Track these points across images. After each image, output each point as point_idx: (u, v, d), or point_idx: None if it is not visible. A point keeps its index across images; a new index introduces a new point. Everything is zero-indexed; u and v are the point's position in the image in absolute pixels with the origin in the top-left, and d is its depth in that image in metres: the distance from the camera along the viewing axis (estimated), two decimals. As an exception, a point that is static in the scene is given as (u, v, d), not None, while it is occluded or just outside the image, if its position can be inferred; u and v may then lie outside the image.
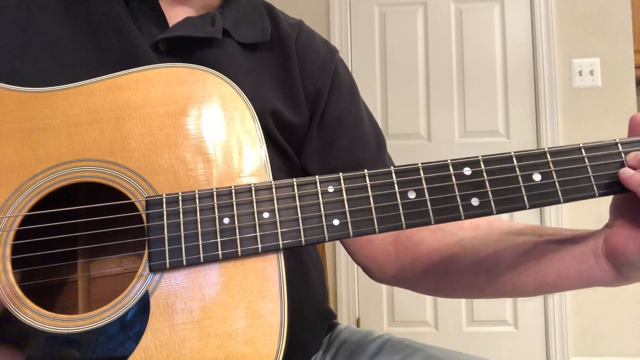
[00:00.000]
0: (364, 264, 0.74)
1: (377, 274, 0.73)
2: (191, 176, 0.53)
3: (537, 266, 0.57)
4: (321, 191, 0.51)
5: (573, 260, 0.54)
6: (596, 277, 0.53)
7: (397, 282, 0.72)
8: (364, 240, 0.73)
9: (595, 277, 0.53)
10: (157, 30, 0.68)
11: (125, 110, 0.54)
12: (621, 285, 0.53)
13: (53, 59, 0.63)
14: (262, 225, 0.50)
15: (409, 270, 0.69)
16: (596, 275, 0.53)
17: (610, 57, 2.32)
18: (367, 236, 0.69)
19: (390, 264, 0.71)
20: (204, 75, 0.56)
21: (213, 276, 0.50)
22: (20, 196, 0.51)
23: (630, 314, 2.26)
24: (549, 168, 0.50)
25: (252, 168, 0.54)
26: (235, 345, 0.48)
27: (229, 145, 0.54)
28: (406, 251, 0.69)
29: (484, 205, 0.50)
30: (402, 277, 0.70)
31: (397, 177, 0.51)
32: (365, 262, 0.73)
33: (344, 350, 0.76)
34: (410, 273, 0.69)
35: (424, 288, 0.70)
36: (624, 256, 0.49)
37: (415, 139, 2.41)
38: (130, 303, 0.49)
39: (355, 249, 0.74)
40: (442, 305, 2.37)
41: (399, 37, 2.44)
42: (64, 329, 0.48)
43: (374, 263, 0.72)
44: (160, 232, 0.50)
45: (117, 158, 0.53)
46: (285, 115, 0.71)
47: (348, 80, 0.79)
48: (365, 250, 0.73)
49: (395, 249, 0.70)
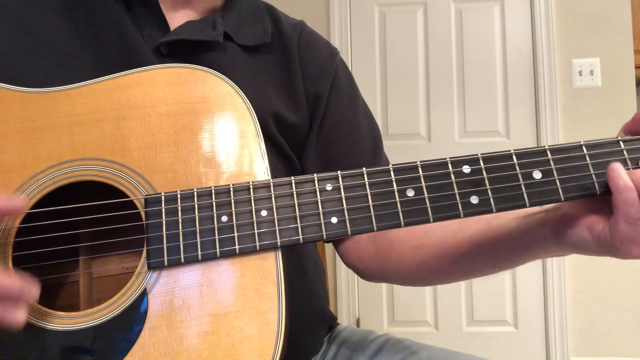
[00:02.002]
0: (353, 264, 0.75)
1: (365, 273, 0.75)
2: (190, 175, 0.53)
3: (488, 244, 0.58)
4: (319, 189, 0.51)
5: (520, 232, 0.55)
6: (539, 242, 0.54)
7: (381, 278, 0.74)
8: (352, 241, 0.74)
9: (538, 242, 0.54)
10: (158, 34, 0.68)
11: (125, 110, 0.55)
12: (560, 254, 0.55)
13: (55, 63, 0.64)
14: (260, 223, 0.50)
15: (386, 264, 0.70)
16: (539, 240, 0.53)
17: (610, 57, 2.32)
18: (354, 238, 0.73)
19: (372, 262, 0.72)
20: (204, 75, 0.57)
21: (211, 274, 0.50)
22: (22, 195, 0.52)
23: (630, 314, 2.26)
24: (550, 166, 0.50)
25: (250, 167, 0.54)
26: (233, 342, 0.48)
27: (228, 145, 0.54)
28: (382, 247, 0.70)
29: (484, 203, 0.50)
30: (383, 272, 0.72)
31: (395, 175, 0.51)
32: (353, 262, 0.75)
33: (344, 350, 0.76)
34: (388, 268, 0.70)
35: (402, 279, 0.72)
36: (573, 233, 0.50)
37: (415, 139, 2.41)
38: (129, 301, 0.49)
39: (344, 250, 0.76)
40: (442, 305, 2.37)
41: (399, 37, 2.44)
42: (63, 326, 0.49)
43: (361, 262, 0.74)
44: (158, 229, 0.50)
45: (117, 157, 0.53)
46: (286, 117, 0.71)
47: (348, 82, 0.80)
48: (353, 251, 0.74)
49: (374, 246, 0.72)
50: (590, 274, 2.28)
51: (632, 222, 0.44)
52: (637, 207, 0.44)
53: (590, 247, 0.49)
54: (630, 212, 0.44)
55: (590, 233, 0.48)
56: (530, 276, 2.33)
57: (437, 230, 0.64)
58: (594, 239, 0.48)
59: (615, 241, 0.46)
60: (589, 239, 0.48)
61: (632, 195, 0.45)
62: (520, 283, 2.33)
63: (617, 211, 0.45)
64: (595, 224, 0.48)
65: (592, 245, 0.48)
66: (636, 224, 0.44)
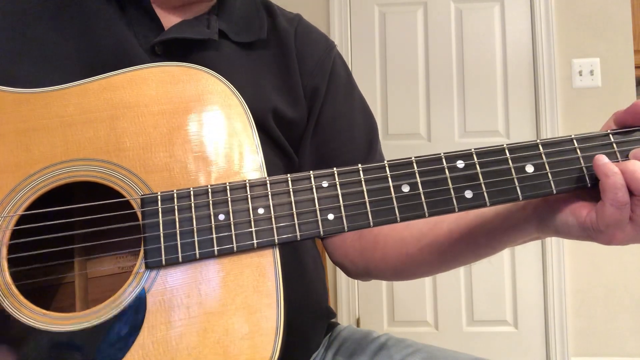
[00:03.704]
0: (340, 262, 0.76)
1: (351, 270, 0.75)
2: (186, 174, 0.53)
3: (468, 231, 0.59)
4: (315, 186, 0.51)
5: (499, 217, 0.56)
6: (519, 225, 0.55)
7: (367, 274, 0.74)
8: (339, 239, 0.75)
9: (518, 226, 0.55)
10: (153, 34, 0.68)
11: (119, 109, 0.55)
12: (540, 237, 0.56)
13: (48, 64, 0.63)
14: (257, 221, 0.50)
15: (371, 260, 0.71)
16: (519, 223, 0.55)
17: (610, 57, 2.32)
18: (341, 236, 0.74)
19: (358, 258, 0.73)
20: (198, 73, 0.56)
21: (209, 272, 0.50)
22: (16, 196, 0.52)
23: (630, 314, 2.26)
24: (542, 159, 0.50)
25: (246, 164, 0.54)
26: (232, 340, 0.48)
27: (223, 143, 0.54)
28: (368, 243, 0.71)
29: (478, 198, 0.50)
30: (368, 268, 0.72)
31: (390, 171, 0.51)
32: (340, 259, 0.75)
33: (344, 350, 0.76)
34: (373, 263, 0.71)
35: (387, 274, 0.72)
36: (557, 217, 0.51)
37: (415, 139, 2.41)
38: (127, 300, 0.49)
39: (332, 248, 0.76)
40: (442, 305, 2.37)
41: (399, 37, 2.44)
42: (62, 327, 0.48)
43: (347, 259, 0.74)
44: (155, 229, 0.50)
45: (112, 157, 0.53)
46: (285, 112, 0.71)
47: (345, 76, 0.80)
48: (339, 247, 0.75)
49: (360, 243, 0.72)
50: (590, 274, 2.28)
51: (619, 206, 0.45)
52: (623, 191, 0.45)
53: (572, 232, 0.50)
54: (617, 195, 0.45)
55: (574, 218, 0.49)
56: (530, 276, 2.33)
57: (417, 221, 0.65)
58: (579, 224, 0.49)
59: (600, 225, 0.47)
60: (573, 224, 0.49)
61: (618, 179, 0.46)
62: (520, 283, 2.33)
63: (605, 195, 0.46)
64: (580, 209, 0.49)
65: (575, 230, 0.49)
66: (623, 207, 0.45)
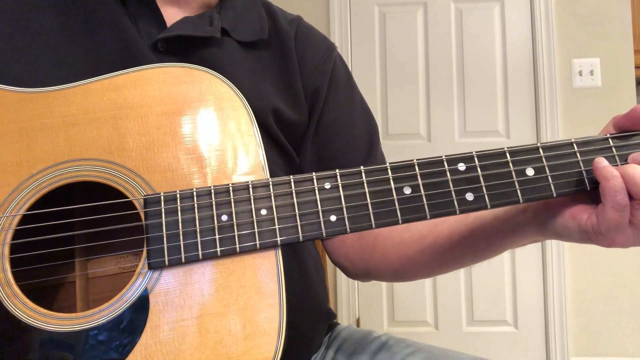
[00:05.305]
0: (339, 263, 0.76)
1: (351, 271, 0.76)
2: (189, 174, 0.53)
3: (467, 233, 0.59)
4: (318, 188, 0.52)
5: (498, 220, 0.56)
6: (518, 228, 0.55)
7: (367, 275, 0.75)
8: (339, 240, 0.75)
9: (518, 229, 0.55)
10: (155, 30, 0.68)
11: (122, 109, 0.55)
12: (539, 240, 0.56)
13: (51, 61, 0.63)
14: (260, 222, 0.51)
15: (370, 261, 0.71)
16: (519, 226, 0.55)
17: (610, 57, 2.32)
18: (342, 237, 0.74)
19: (358, 259, 0.73)
20: (200, 74, 0.57)
21: (212, 273, 0.50)
22: (18, 196, 0.52)
23: (630, 314, 2.26)
24: (542, 163, 0.51)
25: (249, 166, 0.54)
26: (234, 340, 0.48)
27: (226, 144, 0.54)
28: (367, 245, 0.71)
29: (479, 200, 0.51)
30: (368, 269, 0.73)
31: (392, 173, 0.52)
32: (340, 260, 0.76)
33: (344, 350, 0.76)
34: (372, 264, 0.71)
35: (386, 275, 0.72)
36: (556, 221, 0.51)
37: (415, 139, 2.41)
38: (130, 300, 0.49)
39: (332, 249, 0.77)
40: (442, 305, 2.37)
41: (399, 37, 2.44)
42: (64, 327, 0.48)
43: (347, 260, 0.75)
44: (158, 230, 0.50)
45: (114, 157, 0.53)
46: (285, 112, 0.71)
47: (345, 78, 0.80)
48: (339, 248, 0.75)
49: (360, 244, 0.73)
50: (590, 274, 2.28)
51: (619, 209, 0.46)
52: (623, 194, 0.46)
53: (572, 236, 0.50)
54: (617, 198, 0.46)
55: (575, 221, 0.49)
56: (530, 276, 2.33)
57: (417, 224, 0.65)
58: (579, 228, 0.49)
59: (601, 229, 0.47)
60: (573, 228, 0.49)
61: (618, 182, 0.46)
62: (520, 283, 2.33)
63: (605, 198, 0.47)
64: (580, 213, 0.49)
65: (575, 234, 0.50)
66: (623, 210, 0.46)
